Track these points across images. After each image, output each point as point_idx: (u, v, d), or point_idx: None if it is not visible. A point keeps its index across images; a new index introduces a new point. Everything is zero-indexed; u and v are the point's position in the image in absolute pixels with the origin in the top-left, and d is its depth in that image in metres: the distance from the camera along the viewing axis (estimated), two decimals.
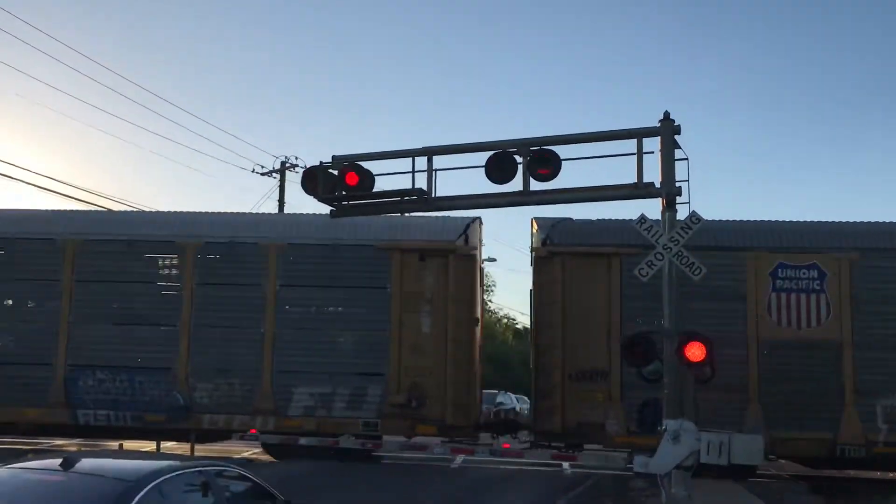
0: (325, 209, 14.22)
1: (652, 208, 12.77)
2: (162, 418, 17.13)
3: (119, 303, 17.63)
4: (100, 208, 24.50)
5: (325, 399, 16.91)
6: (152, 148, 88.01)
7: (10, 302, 17.94)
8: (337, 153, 13.57)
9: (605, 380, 16.05)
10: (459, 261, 17.13)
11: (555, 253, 16.66)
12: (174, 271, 17.70)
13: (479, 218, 18.09)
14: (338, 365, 16.95)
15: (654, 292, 12.86)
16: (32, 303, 17.89)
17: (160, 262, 17.78)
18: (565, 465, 17.57)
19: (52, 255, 17.67)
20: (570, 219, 17.38)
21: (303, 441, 16.99)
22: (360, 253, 17.22)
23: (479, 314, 18.73)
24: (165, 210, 19.71)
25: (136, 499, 5.52)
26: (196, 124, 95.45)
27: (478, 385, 18.05)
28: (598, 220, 17.39)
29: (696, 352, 11.54)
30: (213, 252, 17.62)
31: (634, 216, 12.41)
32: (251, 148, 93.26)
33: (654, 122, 12.56)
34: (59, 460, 5.99)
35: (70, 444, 19.10)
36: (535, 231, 17.27)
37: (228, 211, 19.10)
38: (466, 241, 17.23)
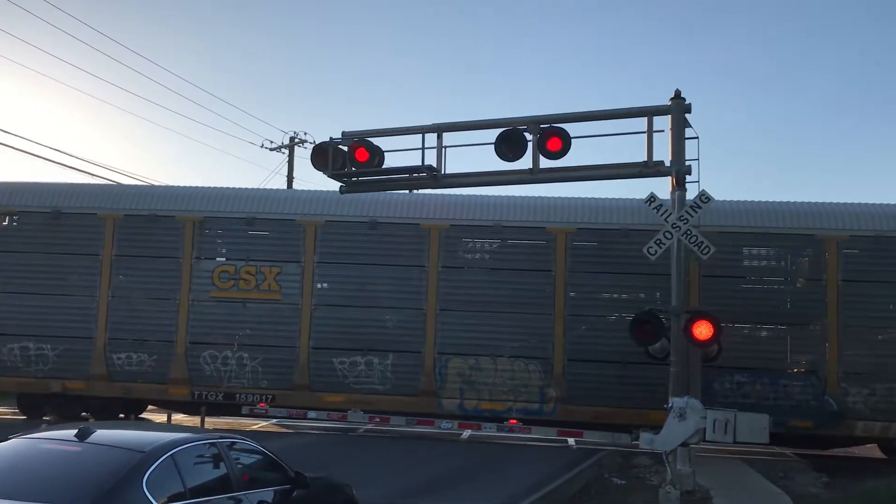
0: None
1: (661, 187, 12.81)
2: (809, 424, 16.25)
3: (742, 300, 16.73)
4: (108, 181, 24.56)
5: None
6: (159, 121, 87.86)
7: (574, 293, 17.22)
8: (347, 129, 13.60)
9: None
10: None
11: None
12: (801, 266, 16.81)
13: None
14: None
15: None
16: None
17: (796, 258, 16.93)
18: (570, 440, 17.70)
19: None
20: None
21: (311, 414, 17.31)
22: None
23: None
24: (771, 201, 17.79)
25: (151, 469, 5.62)
26: (203, 98, 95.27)
27: None
28: None
29: (703, 330, 11.61)
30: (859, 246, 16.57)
31: (644, 195, 12.46)
32: (260, 123, 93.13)
33: (664, 102, 12.56)
34: (74, 431, 6.09)
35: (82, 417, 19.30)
36: None
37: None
38: None
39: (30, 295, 18.05)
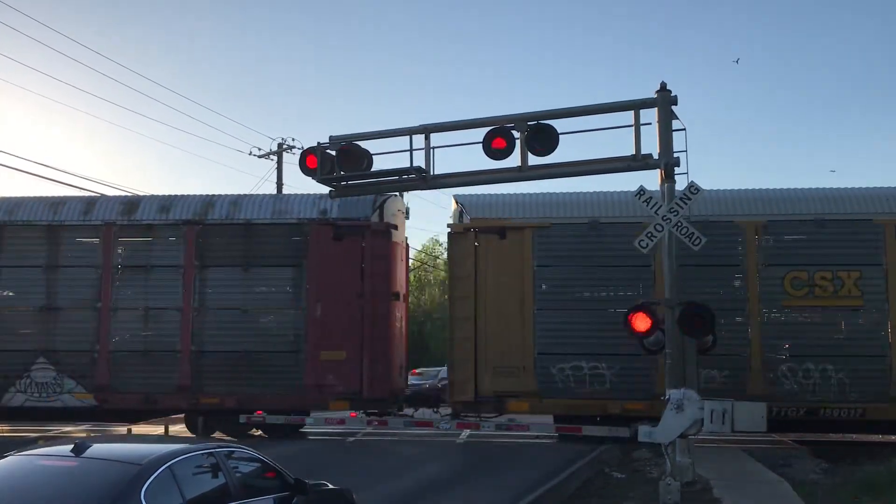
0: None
1: (650, 180, 12.81)
2: None
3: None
4: (93, 194, 24.46)
5: None
6: (147, 132, 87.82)
7: None
8: (334, 133, 13.56)
9: None
10: None
11: None
12: None
13: None
14: None
15: None
16: None
17: None
18: None
19: None
20: None
21: (309, 420, 17.27)
22: None
23: None
24: None
25: (149, 481, 5.59)
26: (190, 107, 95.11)
27: None
28: None
29: (697, 321, 11.62)
30: None
31: (633, 188, 12.48)
32: (247, 130, 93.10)
33: (651, 95, 12.59)
34: (70, 446, 6.05)
35: (79, 430, 19.22)
36: None
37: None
38: None
39: (578, 311, 16.97)
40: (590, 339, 16.81)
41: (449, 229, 17.66)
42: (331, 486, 8.14)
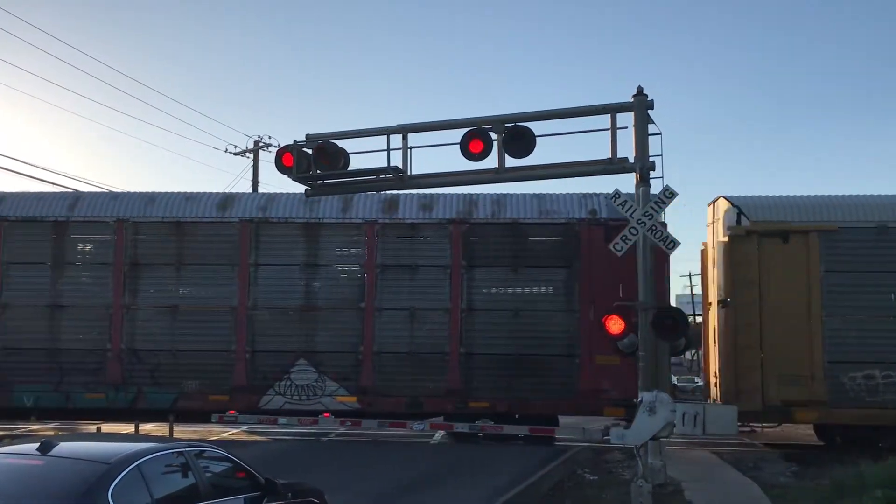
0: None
1: (626, 183, 12.89)
2: None
3: None
4: (71, 190, 24.15)
5: None
6: (122, 128, 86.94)
7: None
8: (311, 132, 13.47)
9: None
10: None
11: None
12: None
13: None
14: None
15: None
16: None
17: None
18: None
19: None
20: None
21: (282, 420, 17.08)
22: None
23: None
24: None
25: (116, 480, 5.51)
26: (166, 103, 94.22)
27: None
28: None
29: (670, 324, 11.71)
30: None
31: (609, 191, 12.54)
32: (223, 127, 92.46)
33: (628, 99, 12.66)
34: (37, 444, 5.96)
35: (46, 429, 18.95)
36: None
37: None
38: None
39: (870, 318, 16.52)
40: (883, 346, 16.39)
41: (729, 232, 16.98)
42: (302, 486, 8.10)
